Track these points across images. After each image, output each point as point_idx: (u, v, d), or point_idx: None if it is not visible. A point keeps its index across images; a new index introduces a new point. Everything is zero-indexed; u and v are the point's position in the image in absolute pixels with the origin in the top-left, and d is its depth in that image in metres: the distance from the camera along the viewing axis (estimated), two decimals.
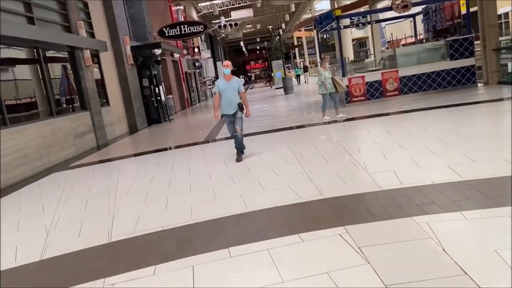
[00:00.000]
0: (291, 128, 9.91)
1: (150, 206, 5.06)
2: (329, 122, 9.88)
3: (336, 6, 33.08)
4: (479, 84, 12.03)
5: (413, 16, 15.62)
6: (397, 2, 11.76)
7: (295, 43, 54.20)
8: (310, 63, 49.82)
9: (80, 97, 11.58)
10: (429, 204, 3.68)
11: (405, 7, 11.73)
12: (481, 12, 11.71)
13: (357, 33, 53.17)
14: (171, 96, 20.23)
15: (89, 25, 12.86)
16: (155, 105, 16.34)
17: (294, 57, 59.88)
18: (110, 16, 14.35)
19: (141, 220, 4.53)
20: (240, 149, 7.00)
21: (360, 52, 53.24)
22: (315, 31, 42.50)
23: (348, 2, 20.98)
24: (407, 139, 6.60)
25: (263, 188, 5.06)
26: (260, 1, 27.31)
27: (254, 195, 4.86)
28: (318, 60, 43.74)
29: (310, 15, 41.75)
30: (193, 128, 13.87)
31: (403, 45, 45.82)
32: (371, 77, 12.29)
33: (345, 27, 17.11)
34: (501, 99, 9.35)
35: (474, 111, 8.66)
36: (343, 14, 12.78)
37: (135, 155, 9.52)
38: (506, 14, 27.11)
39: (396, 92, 12.26)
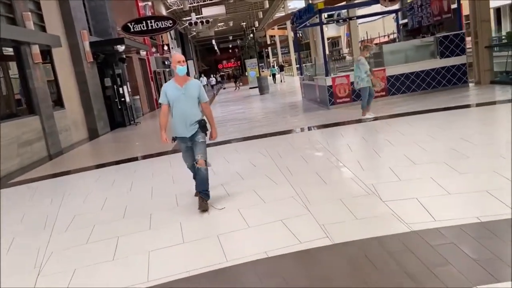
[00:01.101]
0: (272, 134, 8.71)
1: (93, 251, 3.74)
2: (307, 128, 8.75)
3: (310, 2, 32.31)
4: (470, 84, 11.20)
5: (396, 12, 14.75)
6: None
7: (268, 42, 53.18)
8: (283, 62, 48.95)
9: (28, 100, 10.01)
10: (492, 260, 2.55)
11: (393, 0, 10.75)
12: (473, 6, 10.87)
13: (330, 32, 52.69)
14: (138, 96, 18.70)
15: (39, 17, 11.25)
16: (119, 107, 14.82)
17: (267, 56, 58.87)
18: (66, 7, 12.75)
19: (75, 279, 3.22)
20: (204, 191, 4.38)
21: (333, 51, 52.69)
22: (290, 27, 41.51)
23: None
24: (415, 150, 5.51)
25: (246, 223, 3.83)
26: None
27: (236, 234, 3.63)
28: (293, 58, 42.89)
29: (283, 13, 40.83)
30: None
31: (376, 44, 45.80)
32: None
33: (311, 25, 16.06)
34: (502, 101, 8.46)
35: (478, 115, 7.72)
36: (327, 7, 11.70)
37: (91, 167, 8.09)
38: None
39: (383, 93, 11.26)
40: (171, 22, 17.94)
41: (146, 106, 21.11)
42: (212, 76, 40.43)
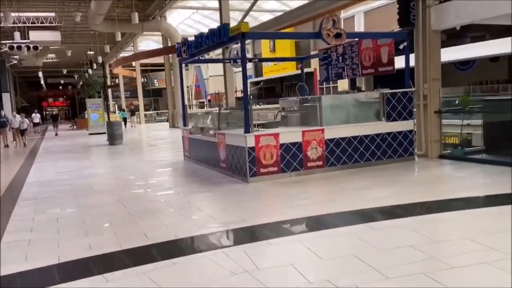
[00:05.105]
0: (171, 244, 4.34)
1: None
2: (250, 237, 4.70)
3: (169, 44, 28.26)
4: (416, 157, 8.86)
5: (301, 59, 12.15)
6: (328, 28, 7.79)
7: (109, 83, 46.92)
8: (127, 106, 43.41)
9: None
10: None
11: (338, 36, 7.86)
12: (422, 61, 8.78)
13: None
14: None
15: None
16: None
17: (106, 98, 52.15)
18: None
19: None
20: None
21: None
22: (139, 69, 36.89)
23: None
24: None
25: None
26: (80, 14, 20.48)
27: None
28: (141, 103, 37.90)
29: (132, 52, 36.11)
30: None
31: (226, 99, 44.54)
32: (288, 136, 7.78)
33: (205, 61, 12.46)
34: (457, 203, 5.74)
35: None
36: (254, 31, 8.10)
37: None
38: None
39: (321, 162, 8.01)
40: None
41: None
42: (36, 111, 32.78)
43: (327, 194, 6.38)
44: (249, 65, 24.61)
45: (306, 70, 12.51)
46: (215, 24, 28.47)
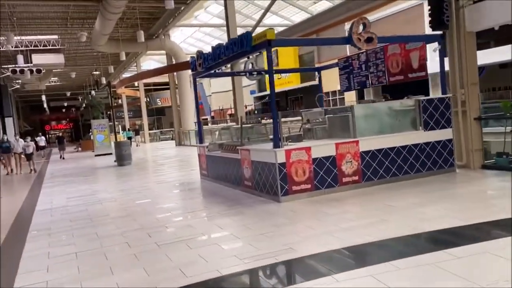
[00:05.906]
0: None
1: None
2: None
3: (173, 61, 27.79)
4: (457, 169, 8.16)
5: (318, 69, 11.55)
6: (359, 32, 7.21)
7: (112, 103, 46.54)
8: (131, 126, 42.91)
9: None
10: None
11: (370, 41, 7.27)
12: (458, 64, 8.17)
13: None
14: None
15: None
16: None
17: (109, 118, 51.71)
18: None
19: None
20: None
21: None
22: (143, 89, 36.53)
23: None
24: None
25: None
26: (85, 34, 20.06)
27: None
28: (145, 122, 37.39)
29: (134, 72, 35.80)
30: None
31: (230, 115, 44.02)
32: (321, 150, 7.12)
33: (220, 74, 11.94)
34: None
35: None
36: (280, 38, 7.53)
37: None
38: None
39: (356, 177, 7.34)
40: None
41: None
42: (40, 135, 32.50)
43: (375, 214, 5.67)
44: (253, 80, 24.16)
45: (311, 83, 12.08)
46: (216, 41, 28.12)
